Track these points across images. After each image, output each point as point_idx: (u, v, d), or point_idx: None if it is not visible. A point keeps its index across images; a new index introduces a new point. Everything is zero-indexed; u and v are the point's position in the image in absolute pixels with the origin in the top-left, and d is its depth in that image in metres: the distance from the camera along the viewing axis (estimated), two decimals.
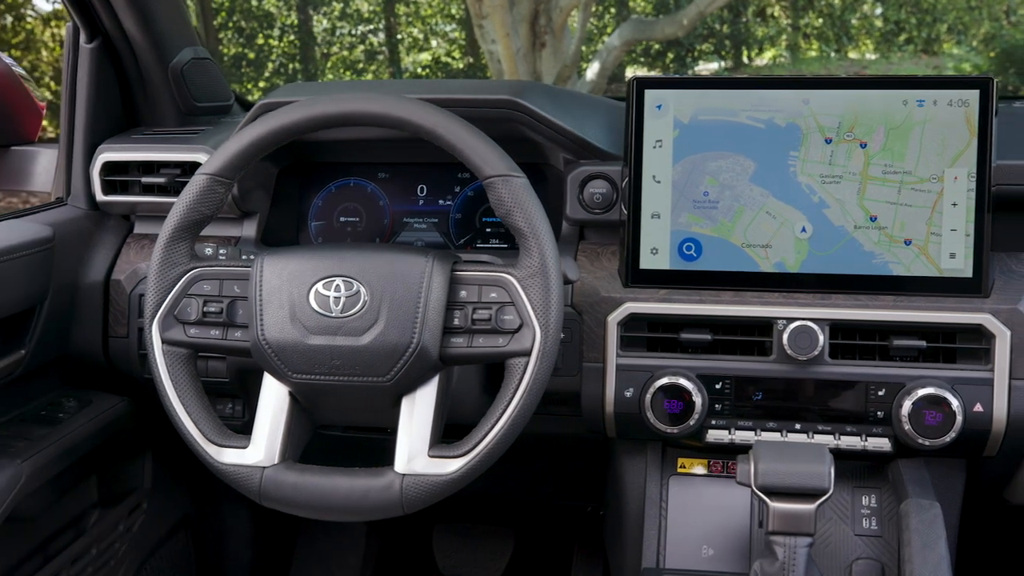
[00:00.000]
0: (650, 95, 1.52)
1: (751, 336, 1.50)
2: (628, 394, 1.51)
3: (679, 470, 1.59)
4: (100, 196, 1.76)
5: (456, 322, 1.35)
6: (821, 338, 1.45)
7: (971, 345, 1.46)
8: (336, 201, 1.77)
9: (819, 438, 1.48)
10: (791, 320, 1.47)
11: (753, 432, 1.50)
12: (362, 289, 1.34)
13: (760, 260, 1.51)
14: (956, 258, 1.47)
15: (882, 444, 1.47)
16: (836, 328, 1.48)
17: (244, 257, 1.65)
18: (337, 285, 1.35)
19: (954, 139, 1.46)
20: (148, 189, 1.74)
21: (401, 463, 1.33)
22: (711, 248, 1.52)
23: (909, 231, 1.48)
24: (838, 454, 1.47)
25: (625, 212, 1.53)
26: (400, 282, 1.33)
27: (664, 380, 1.48)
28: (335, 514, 1.36)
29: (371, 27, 10.42)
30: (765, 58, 11.92)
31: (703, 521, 1.56)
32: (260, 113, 1.56)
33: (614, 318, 1.52)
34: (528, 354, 1.32)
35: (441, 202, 1.74)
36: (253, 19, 10.20)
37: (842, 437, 1.48)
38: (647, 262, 1.53)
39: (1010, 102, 1.86)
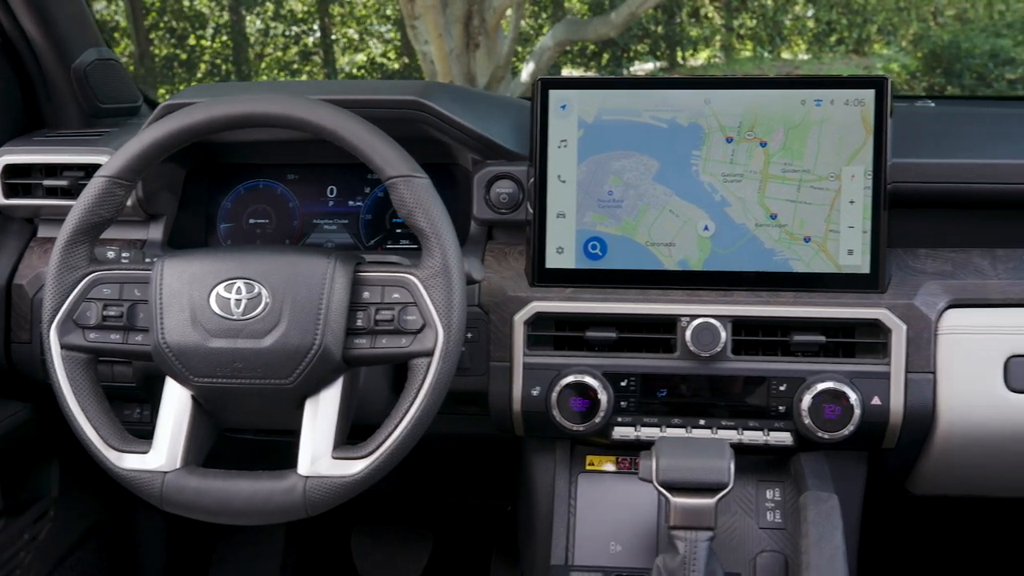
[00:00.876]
0: (554, 95, 1.53)
1: (656, 334, 1.51)
2: (535, 393, 1.51)
3: (588, 467, 1.60)
4: (2, 199, 1.73)
5: (359, 323, 1.35)
6: (723, 335, 1.47)
7: (869, 340, 1.49)
8: (245, 203, 1.76)
9: (723, 433, 1.50)
10: (694, 317, 1.49)
11: (659, 428, 1.52)
12: (263, 291, 1.33)
13: (664, 258, 1.52)
14: (854, 255, 1.49)
15: (784, 438, 1.50)
16: (738, 325, 1.50)
17: (147, 260, 1.63)
18: (238, 287, 1.34)
19: (851, 138, 1.49)
20: (51, 192, 1.71)
21: (304, 465, 1.32)
22: (616, 247, 1.53)
23: (808, 228, 1.50)
24: (741, 449, 1.50)
25: (531, 212, 1.54)
26: (302, 284, 1.33)
27: (570, 378, 1.49)
28: (238, 518, 1.35)
29: (305, 28, 10.35)
30: (700, 59, 12.03)
31: (611, 517, 1.57)
32: (163, 114, 1.54)
33: (520, 317, 1.52)
34: (431, 354, 1.32)
35: (351, 203, 1.74)
36: (185, 19, 10.08)
37: (745, 432, 1.50)
38: (553, 261, 1.54)
39: (912, 101, 1.90)
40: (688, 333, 1.48)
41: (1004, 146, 1.60)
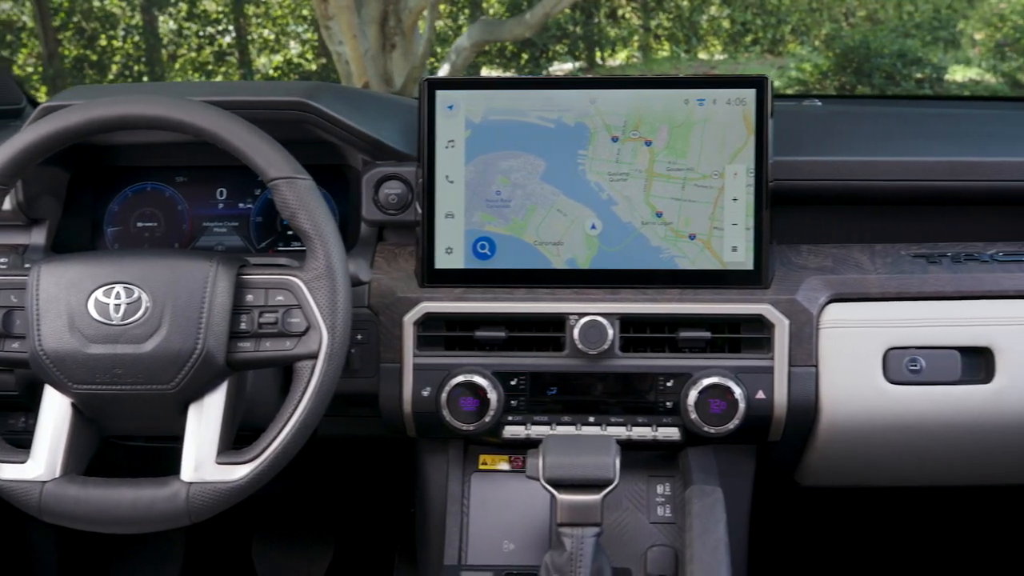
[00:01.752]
0: (441, 96, 1.53)
1: (545, 332, 1.52)
2: (425, 393, 1.51)
3: (481, 467, 1.61)
4: None
5: (243, 326, 1.34)
6: (611, 332, 1.49)
7: (754, 335, 1.51)
8: (133, 206, 1.73)
9: (612, 430, 1.52)
10: (582, 315, 1.50)
11: (549, 426, 1.52)
12: (143, 295, 1.32)
13: (552, 257, 1.53)
14: (738, 251, 1.52)
15: (672, 434, 1.52)
16: (626, 322, 1.51)
17: (27, 266, 1.60)
18: (117, 292, 1.32)
19: (733, 136, 1.51)
20: None
21: (188, 471, 1.31)
22: (504, 246, 1.54)
23: (693, 226, 1.52)
24: (630, 445, 1.51)
25: (420, 212, 1.54)
26: (183, 287, 1.32)
27: (460, 378, 1.50)
28: (120, 526, 1.33)
29: (220, 28, 10.20)
30: (618, 59, 12.13)
31: (505, 516, 1.58)
32: (42, 115, 1.51)
33: (410, 318, 1.52)
34: (315, 356, 1.32)
35: (241, 205, 1.72)
36: (95, 20, 9.87)
37: (634, 428, 1.52)
38: (442, 262, 1.54)
39: (799, 100, 1.94)
40: (576, 331, 1.49)
41: (884, 144, 1.65)
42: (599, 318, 1.49)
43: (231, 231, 1.72)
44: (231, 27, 10.21)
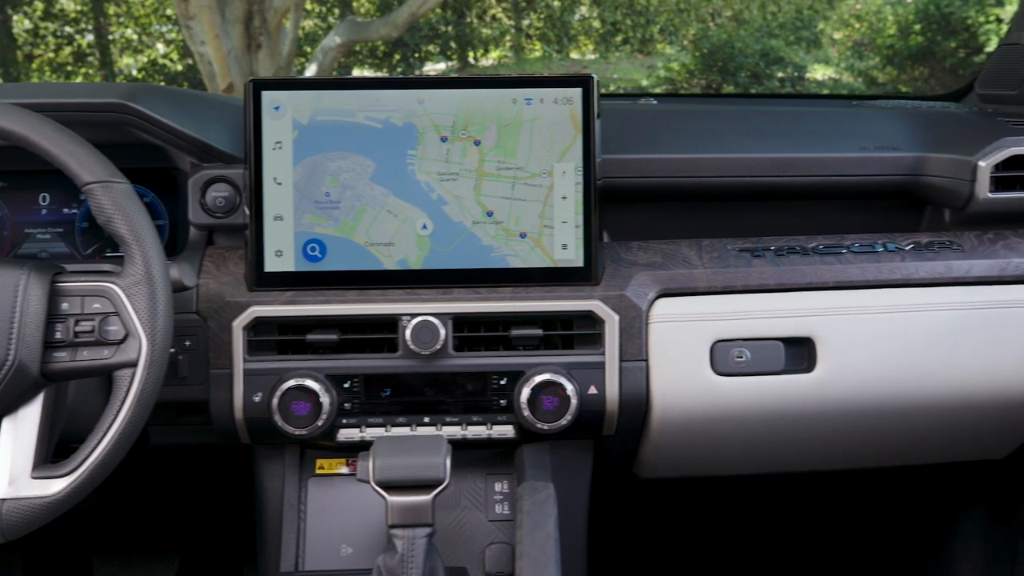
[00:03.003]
0: (267, 96, 1.51)
1: (378, 334, 1.51)
2: (257, 399, 1.49)
3: (318, 471, 1.59)
4: None
5: (58, 336, 1.30)
6: (443, 332, 1.49)
7: (586, 331, 1.53)
8: None
9: (447, 430, 1.52)
10: (414, 316, 1.49)
11: (384, 428, 1.52)
12: None
13: (384, 258, 1.52)
14: (568, 249, 1.53)
15: (506, 431, 1.53)
16: (459, 321, 1.52)
17: None
18: None
19: (561, 135, 1.53)
20: None
21: (1, 487, 1.26)
22: (335, 248, 1.52)
23: (524, 225, 1.53)
24: (466, 444, 1.52)
25: (248, 215, 1.52)
26: None
27: (291, 382, 1.48)
28: None
29: (79, 28, 9.88)
30: (490, 58, 12.17)
31: (342, 520, 1.56)
32: None
33: (239, 323, 1.49)
34: (135, 365, 1.29)
35: (66, 211, 1.66)
36: None
37: (469, 427, 1.52)
38: (272, 264, 1.52)
39: (635, 99, 1.97)
40: (408, 332, 1.49)
41: (712, 141, 1.68)
42: (431, 318, 1.49)
43: (56, 238, 1.66)
44: (91, 27, 9.90)
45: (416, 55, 11.22)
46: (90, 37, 9.98)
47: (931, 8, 9.63)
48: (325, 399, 1.47)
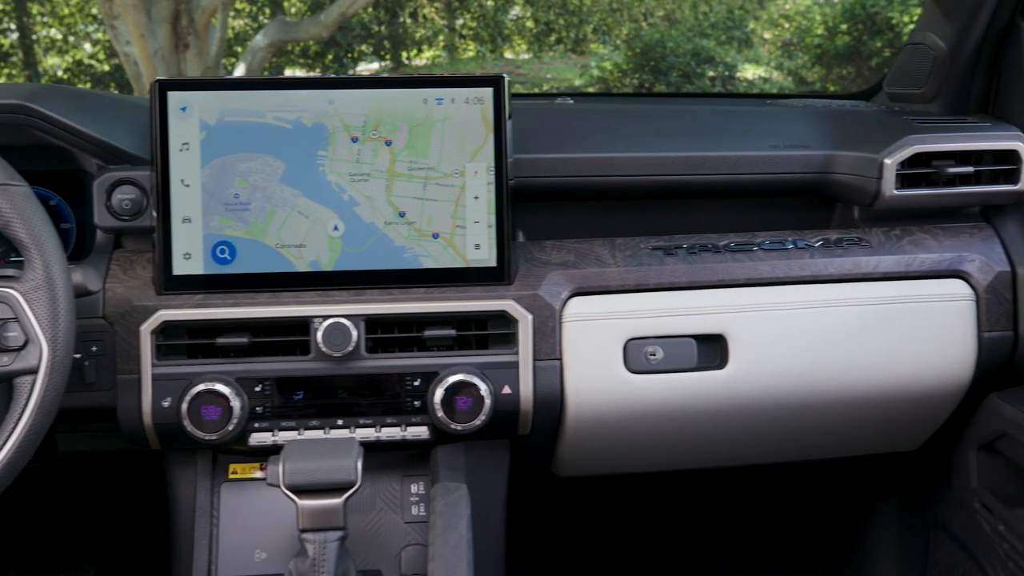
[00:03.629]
0: (173, 97, 1.49)
1: (290, 336, 1.50)
2: (166, 404, 1.47)
3: (231, 476, 1.57)
4: None
5: None
6: (355, 334, 1.48)
7: (500, 331, 1.53)
8: None
9: (361, 432, 1.51)
10: (326, 318, 1.48)
11: (297, 431, 1.50)
12: None
13: (295, 260, 1.51)
14: (481, 249, 1.53)
15: (421, 432, 1.52)
16: (372, 323, 1.51)
17: None
18: None
19: (472, 135, 1.52)
20: None
21: None
22: (245, 250, 1.50)
23: (436, 225, 1.53)
24: (380, 446, 1.51)
25: (155, 217, 1.49)
26: None
27: (201, 387, 1.46)
28: None
29: (2, 27, 9.66)
30: (424, 58, 12.14)
31: (256, 526, 1.55)
32: None
33: (147, 327, 1.47)
34: (35, 371, 1.26)
35: None
36: None
37: (383, 429, 1.51)
38: (180, 268, 1.50)
39: (551, 98, 1.97)
40: (320, 334, 1.47)
41: (626, 141, 1.69)
42: (343, 320, 1.48)
43: None
44: (14, 26, 9.69)
45: (349, 55, 11.16)
46: (14, 36, 9.77)
47: (857, 8, 9.80)
48: (236, 403, 1.46)
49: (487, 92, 1.53)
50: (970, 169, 1.63)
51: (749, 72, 11.10)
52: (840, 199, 1.72)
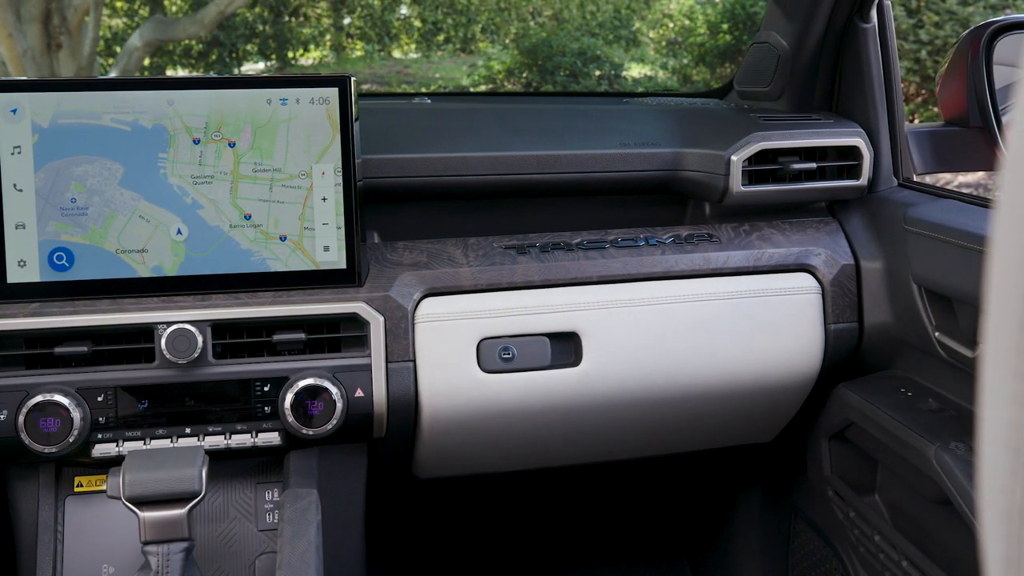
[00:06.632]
0: (3, 99, 1.43)
1: (134, 344, 1.46)
2: (2, 417, 1.41)
3: (76, 489, 1.52)
4: None
5: None
6: (200, 340, 1.44)
7: (351, 334, 1.51)
8: None
9: (210, 440, 1.47)
10: (170, 324, 1.45)
11: (142, 442, 1.46)
12: None
13: (137, 265, 1.47)
14: (330, 251, 1.51)
15: (272, 438, 1.49)
16: (219, 328, 1.47)
17: None
18: None
19: (319, 136, 1.50)
20: None
21: None
22: (84, 256, 1.46)
23: (284, 227, 1.50)
24: (230, 453, 1.48)
25: None
26: None
27: (39, 398, 1.41)
28: None
29: None
30: (311, 58, 12.02)
31: (103, 539, 1.50)
32: None
33: None
34: None
35: None
36: None
37: (233, 436, 1.48)
38: (15, 275, 1.44)
39: (409, 98, 1.96)
40: (164, 341, 1.44)
41: (479, 140, 1.69)
42: (187, 326, 1.44)
43: None
44: None
45: (233, 55, 10.98)
46: None
47: (738, 8, 10.02)
48: (76, 414, 1.41)
49: (332, 92, 1.51)
50: (813, 165, 1.67)
51: (635, 71, 11.26)
52: (690, 196, 1.75)
